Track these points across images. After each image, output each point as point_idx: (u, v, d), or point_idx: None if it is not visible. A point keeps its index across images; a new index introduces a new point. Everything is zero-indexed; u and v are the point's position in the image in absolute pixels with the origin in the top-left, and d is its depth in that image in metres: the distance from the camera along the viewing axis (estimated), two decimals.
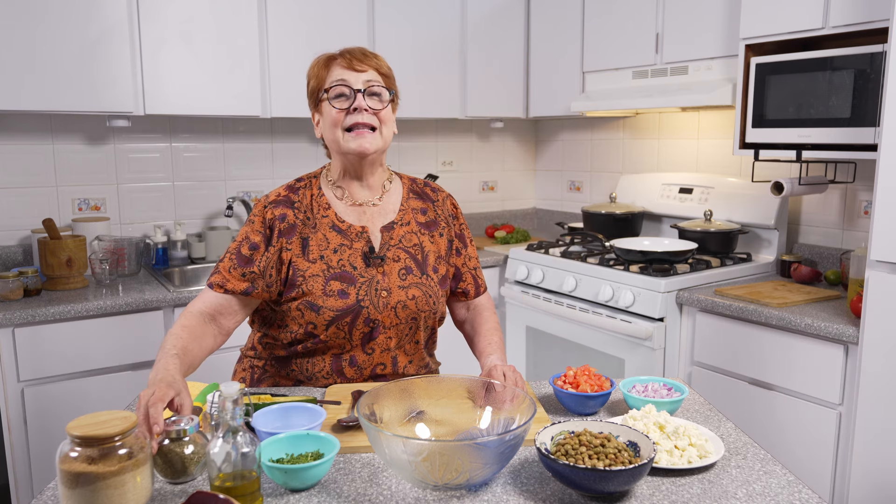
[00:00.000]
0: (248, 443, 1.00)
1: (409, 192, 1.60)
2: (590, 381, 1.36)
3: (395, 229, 1.53)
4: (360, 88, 1.44)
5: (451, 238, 1.60)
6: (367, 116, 1.44)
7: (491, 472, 1.05)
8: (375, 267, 1.48)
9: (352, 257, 1.48)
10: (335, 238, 1.49)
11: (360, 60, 1.46)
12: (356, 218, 1.52)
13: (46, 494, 1.07)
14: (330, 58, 1.49)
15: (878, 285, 1.86)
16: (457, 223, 1.63)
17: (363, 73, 1.45)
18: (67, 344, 2.28)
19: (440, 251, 1.56)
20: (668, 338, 2.44)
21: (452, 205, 1.64)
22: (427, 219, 1.58)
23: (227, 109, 2.72)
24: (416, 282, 1.50)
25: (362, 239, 1.49)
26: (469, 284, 1.63)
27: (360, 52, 1.48)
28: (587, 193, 3.64)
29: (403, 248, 1.52)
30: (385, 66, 1.50)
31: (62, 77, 2.39)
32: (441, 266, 1.55)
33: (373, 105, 1.45)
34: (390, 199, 1.57)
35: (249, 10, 2.71)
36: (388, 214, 1.55)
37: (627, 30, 2.85)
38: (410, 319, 1.49)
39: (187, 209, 3.04)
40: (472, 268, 1.64)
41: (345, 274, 1.46)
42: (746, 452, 1.20)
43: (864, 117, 2.06)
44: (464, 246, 1.63)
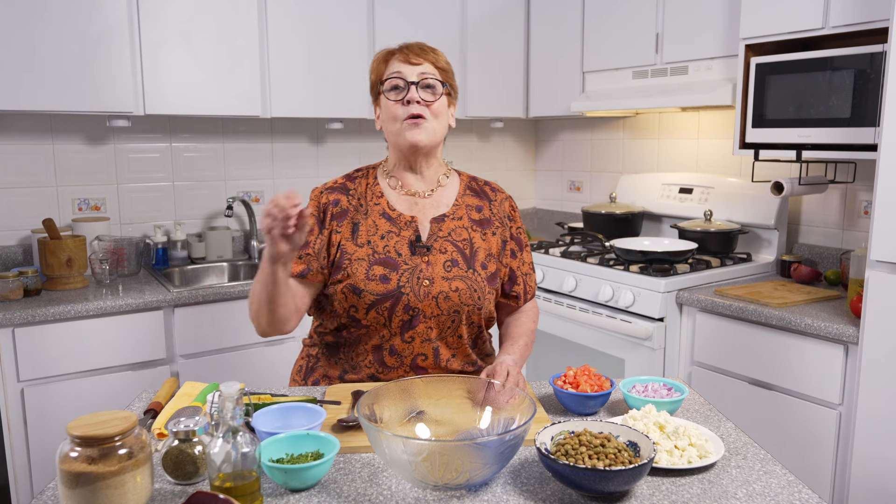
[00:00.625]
0: (248, 443, 1.00)
1: (465, 189, 1.61)
2: (590, 381, 1.36)
3: (445, 222, 1.54)
4: (414, 81, 1.47)
5: (506, 239, 1.59)
6: (419, 108, 1.47)
7: (491, 472, 1.05)
8: (420, 256, 1.49)
9: (398, 244, 1.50)
10: (384, 225, 1.51)
11: (416, 54, 1.49)
12: (407, 208, 1.54)
13: (46, 494, 1.07)
14: (389, 52, 1.53)
15: (878, 285, 1.86)
16: (513, 225, 1.62)
17: (418, 66, 1.48)
18: (67, 344, 2.28)
19: (491, 249, 1.56)
20: (668, 338, 2.44)
21: (511, 206, 1.64)
22: (481, 216, 1.58)
23: (227, 109, 2.72)
24: (462, 275, 1.50)
25: (410, 228, 1.51)
26: (521, 289, 1.62)
27: (418, 46, 1.52)
28: (587, 193, 3.64)
29: (451, 241, 1.52)
30: (442, 61, 1.53)
31: (62, 77, 2.39)
32: (491, 264, 1.55)
33: (426, 97, 1.48)
34: (445, 193, 1.58)
35: (249, 10, 2.71)
36: (440, 207, 1.56)
37: (627, 30, 2.85)
38: (452, 312, 1.49)
39: (187, 209, 3.04)
40: (524, 273, 1.63)
41: (389, 260, 1.48)
42: (746, 452, 1.20)
43: (864, 117, 2.06)
44: (520, 249, 1.62)
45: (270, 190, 3.21)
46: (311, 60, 2.86)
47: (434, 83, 1.49)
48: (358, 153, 3.41)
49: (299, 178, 3.28)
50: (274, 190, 3.23)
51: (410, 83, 1.47)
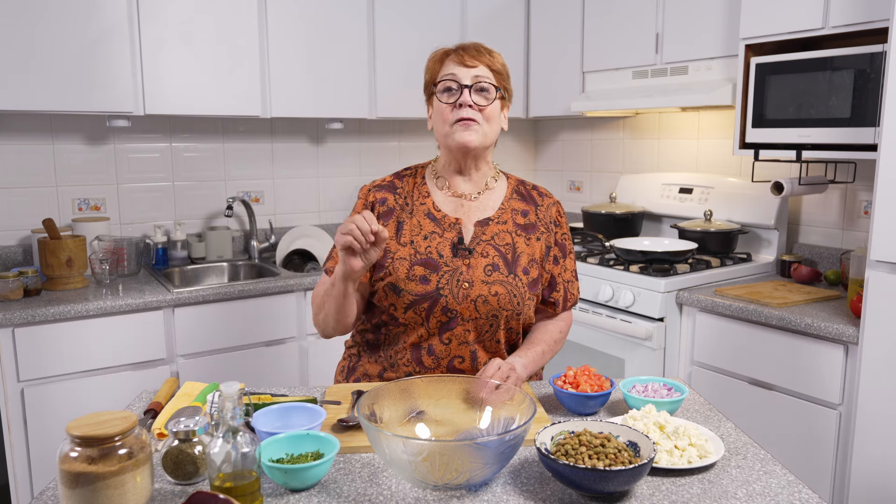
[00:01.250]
0: (248, 443, 1.00)
1: (513, 193, 1.59)
2: (590, 381, 1.36)
3: (489, 225, 1.53)
4: (467, 84, 1.46)
5: (550, 244, 1.57)
6: (471, 112, 1.46)
7: (491, 472, 1.05)
8: (462, 258, 1.48)
9: (440, 246, 1.49)
10: (428, 225, 1.51)
11: (472, 56, 1.48)
12: (453, 209, 1.54)
13: (46, 494, 1.07)
14: (445, 53, 1.52)
15: (878, 285, 1.86)
16: (559, 231, 1.60)
17: (473, 69, 1.47)
18: (67, 344, 2.28)
19: (535, 254, 1.54)
20: (668, 338, 2.44)
21: (558, 212, 1.62)
22: (527, 221, 1.56)
23: (227, 109, 2.72)
24: (502, 279, 1.48)
25: (454, 230, 1.51)
26: (560, 296, 1.60)
27: (475, 47, 1.50)
28: (587, 193, 3.64)
29: (494, 245, 1.51)
30: (498, 63, 1.51)
31: (62, 77, 2.39)
32: (533, 269, 1.53)
33: (478, 101, 1.47)
34: (491, 196, 1.57)
35: (249, 10, 2.71)
36: (486, 210, 1.55)
37: (627, 30, 2.85)
38: (491, 316, 1.48)
39: (187, 209, 3.04)
40: (566, 280, 1.61)
41: (430, 261, 1.48)
42: (746, 452, 1.20)
43: (864, 117, 2.06)
44: (563, 256, 1.60)
45: (270, 190, 3.21)
46: (311, 60, 2.86)
47: (488, 87, 1.47)
48: (358, 153, 3.41)
49: (299, 178, 3.28)
50: (274, 190, 3.23)
51: (464, 86, 1.46)
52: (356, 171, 3.41)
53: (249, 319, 2.60)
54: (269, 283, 2.62)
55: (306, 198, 3.32)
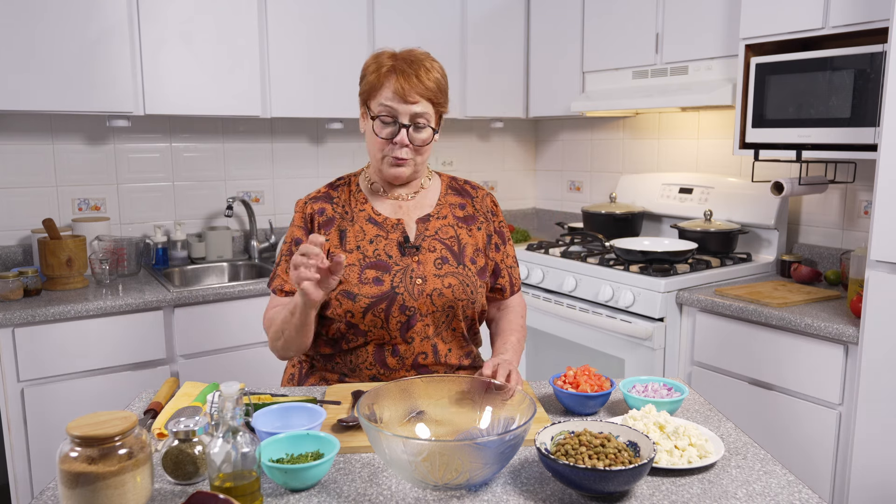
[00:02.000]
0: (248, 443, 1.00)
1: (447, 189, 1.63)
2: (590, 381, 1.36)
3: (430, 221, 1.56)
4: (405, 123, 1.45)
5: (490, 233, 1.61)
6: (406, 151, 1.47)
7: (491, 472, 1.05)
8: (410, 256, 1.51)
9: (387, 247, 1.51)
10: (371, 229, 1.53)
11: (413, 88, 1.43)
12: (392, 211, 1.56)
13: (46, 494, 1.07)
14: (389, 70, 1.45)
15: (878, 285, 1.86)
16: (496, 219, 1.64)
17: (413, 106, 1.44)
18: (67, 344, 2.28)
19: (478, 244, 1.58)
20: (668, 338, 2.44)
21: (492, 202, 1.66)
22: (465, 213, 1.60)
23: (227, 109, 2.72)
24: (453, 271, 1.51)
25: (398, 230, 1.53)
26: (506, 282, 1.64)
27: (416, 70, 1.44)
28: (587, 193, 3.64)
29: (439, 240, 1.54)
30: (440, 93, 1.47)
31: (62, 77, 2.39)
32: (479, 258, 1.57)
33: (414, 138, 1.47)
34: (427, 195, 1.60)
35: (249, 10, 2.71)
36: (424, 208, 1.58)
37: (627, 30, 2.85)
38: (447, 307, 1.50)
39: (187, 209, 3.04)
40: (508, 265, 1.65)
41: (380, 262, 1.49)
42: (746, 452, 1.20)
43: (864, 117, 2.06)
44: (502, 243, 1.64)
45: (270, 190, 3.21)
46: (311, 60, 2.86)
47: (425, 125, 1.47)
48: (358, 153, 3.41)
49: (299, 178, 3.28)
50: (274, 190, 3.23)
51: (402, 125, 1.45)
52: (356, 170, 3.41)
53: (249, 319, 2.59)
54: None
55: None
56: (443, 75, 1.50)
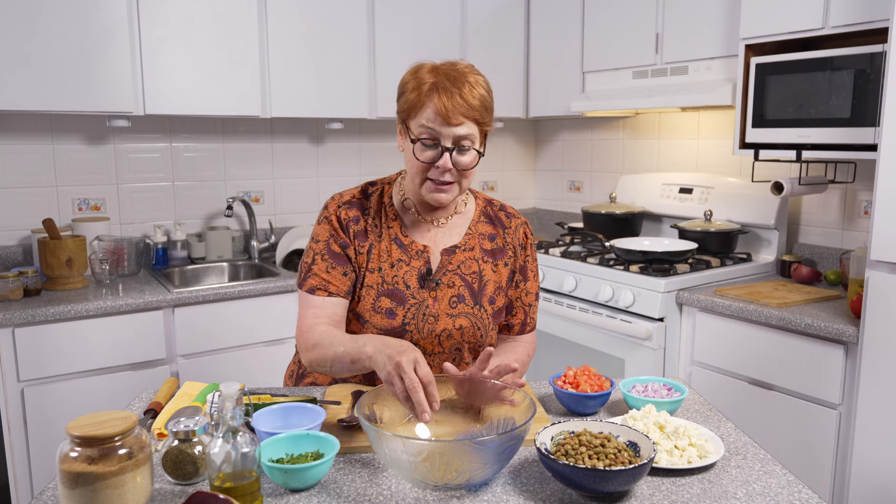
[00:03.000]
0: (248, 443, 1.00)
1: (480, 215, 1.53)
2: (590, 381, 1.36)
3: (456, 254, 1.47)
4: (449, 147, 1.34)
5: (515, 269, 1.53)
6: (449, 176, 1.36)
7: (491, 472, 1.05)
8: (428, 290, 1.44)
9: (407, 275, 1.43)
10: (396, 252, 1.45)
11: (459, 111, 1.31)
12: (420, 235, 1.47)
13: (46, 494, 1.07)
14: (430, 89, 1.33)
15: (878, 285, 1.86)
16: (524, 254, 1.54)
17: (456, 128, 1.32)
18: (67, 344, 2.28)
19: (501, 282, 1.50)
20: (668, 338, 2.44)
21: (525, 234, 1.56)
22: (494, 246, 1.51)
23: (227, 109, 2.72)
24: (467, 311, 1.45)
25: (422, 258, 1.45)
26: (517, 319, 1.55)
27: (460, 94, 1.32)
28: (587, 193, 3.64)
29: (460, 275, 1.46)
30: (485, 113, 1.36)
31: (62, 77, 2.39)
32: (499, 298, 1.50)
33: (458, 161, 1.35)
34: (459, 220, 1.51)
35: (249, 10, 2.71)
36: (453, 237, 1.49)
37: (627, 30, 2.85)
38: (454, 350, 1.46)
39: (187, 209, 3.04)
40: (526, 303, 1.55)
41: (396, 292, 1.42)
42: (746, 452, 1.20)
43: (864, 117, 2.06)
44: (524, 279, 1.54)
45: (270, 190, 3.21)
46: (311, 60, 2.86)
47: (469, 148, 1.35)
48: (358, 153, 3.41)
49: (299, 177, 3.28)
50: (274, 190, 3.22)
51: (445, 149, 1.33)
52: (356, 171, 3.41)
53: (249, 319, 2.59)
54: (269, 283, 2.62)
55: (306, 198, 3.31)
56: (488, 90, 1.38)
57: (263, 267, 2.98)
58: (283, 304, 2.66)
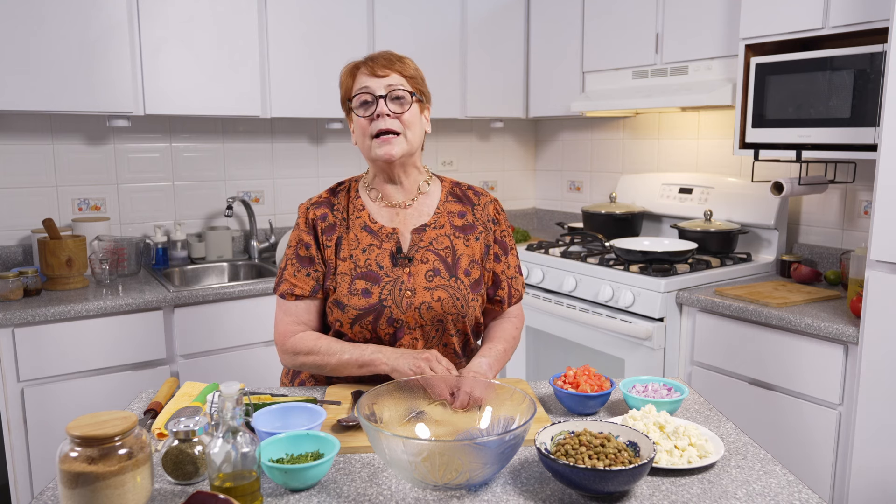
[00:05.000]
0: (248, 443, 1.00)
1: (447, 195, 1.58)
2: (590, 381, 1.36)
3: (426, 231, 1.52)
4: (381, 94, 1.45)
5: (489, 243, 1.57)
6: (390, 122, 1.45)
7: (491, 472, 1.05)
8: (402, 267, 1.48)
9: (379, 257, 1.49)
10: (366, 238, 1.51)
11: (382, 66, 1.46)
12: (389, 219, 1.53)
13: (46, 494, 1.07)
14: (355, 66, 1.50)
15: (878, 285, 1.86)
16: (497, 228, 1.60)
17: (385, 79, 1.46)
18: (67, 344, 2.28)
19: (474, 255, 1.54)
20: (668, 338, 2.44)
21: (496, 209, 1.61)
22: (464, 222, 1.56)
23: (227, 109, 2.72)
24: (444, 284, 1.48)
25: (392, 240, 1.51)
26: (504, 293, 1.59)
27: (384, 57, 1.49)
28: (587, 193, 3.64)
29: (433, 251, 1.51)
30: (410, 69, 1.50)
31: (62, 77, 2.39)
32: (475, 270, 1.53)
33: (395, 109, 1.46)
34: (426, 202, 1.56)
35: (249, 10, 2.71)
36: (422, 216, 1.54)
37: (627, 30, 2.85)
38: (436, 321, 1.48)
39: (187, 209, 3.04)
40: (509, 276, 1.60)
41: (370, 273, 1.47)
42: (746, 452, 1.20)
43: (864, 117, 2.06)
44: (504, 253, 1.59)
45: (270, 190, 3.21)
46: (311, 60, 2.86)
47: (403, 94, 1.46)
48: (358, 153, 3.41)
49: (299, 177, 3.28)
50: (274, 190, 3.22)
51: (378, 97, 1.45)
52: (356, 171, 3.41)
53: (249, 319, 2.60)
54: (269, 283, 2.62)
55: (306, 198, 3.30)
56: (412, 63, 1.52)
57: (263, 267, 2.98)
58: None
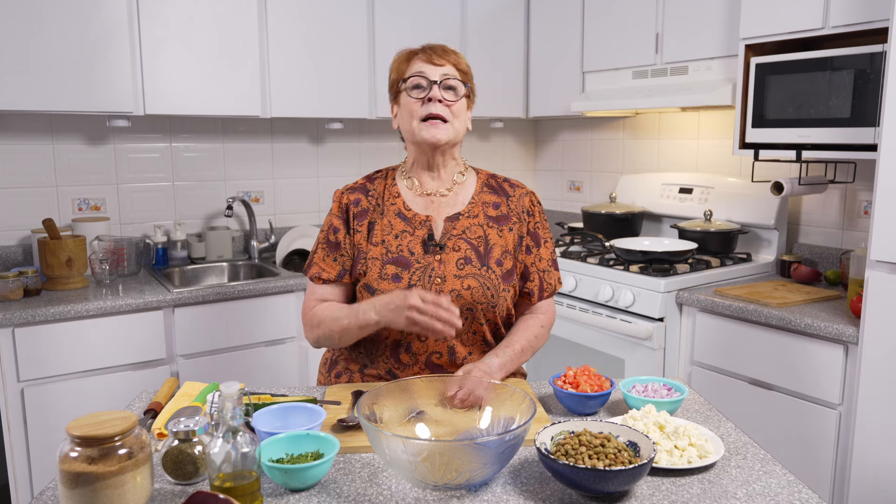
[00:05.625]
0: (248, 443, 1.00)
1: (483, 186, 1.60)
2: (590, 381, 1.36)
3: (459, 220, 1.54)
4: (436, 80, 1.49)
5: (522, 234, 1.57)
6: (440, 108, 1.49)
7: (491, 472, 1.05)
8: (433, 254, 1.50)
9: (411, 244, 1.51)
10: (399, 224, 1.53)
11: (439, 55, 1.52)
12: (423, 207, 1.56)
13: (46, 494, 1.07)
14: (411, 52, 1.55)
15: (878, 285, 1.86)
16: (531, 220, 1.60)
17: (441, 67, 1.51)
18: (67, 344, 2.28)
19: (507, 245, 1.55)
20: (668, 338, 2.44)
21: (531, 202, 1.62)
22: (498, 213, 1.57)
23: (227, 109, 2.72)
24: (475, 272, 1.49)
25: (425, 227, 1.53)
26: (534, 286, 1.59)
27: (441, 48, 1.54)
28: (587, 193, 3.64)
29: (465, 239, 1.52)
30: (463, 63, 1.55)
31: (62, 77, 2.39)
32: (507, 260, 1.54)
33: (447, 97, 1.50)
34: (461, 191, 1.59)
35: (249, 11, 2.71)
36: (456, 206, 1.57)
37: (627, 30, 2.85)
38: (466, 310, 1.49)
39: (187, 209, 3.04)
40: (540, 269, 1.59)
41: (401, 258, 1.50)
42: (746, 452, 1.20)
43: (864, 117, 2.06)
44: (536, 245, 1.59)
45: (270, 190, 3.21)
46: (311, 60, 2.86)
47: (456, 84, 1.51)
48: (358, 153, 3.41)
49: (299, 177, 3.28)
50: (274, 190, 3.22)
51: (433, 82, 1.49)
52: (356, 171, 3.41)
53: (249, 319, 2.60)
54: (268, 283, 2.62)
55: (306, 198, 3.32)
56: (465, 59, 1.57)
57: (263, 267, 2.98)
58: (283, 304, 2.66)
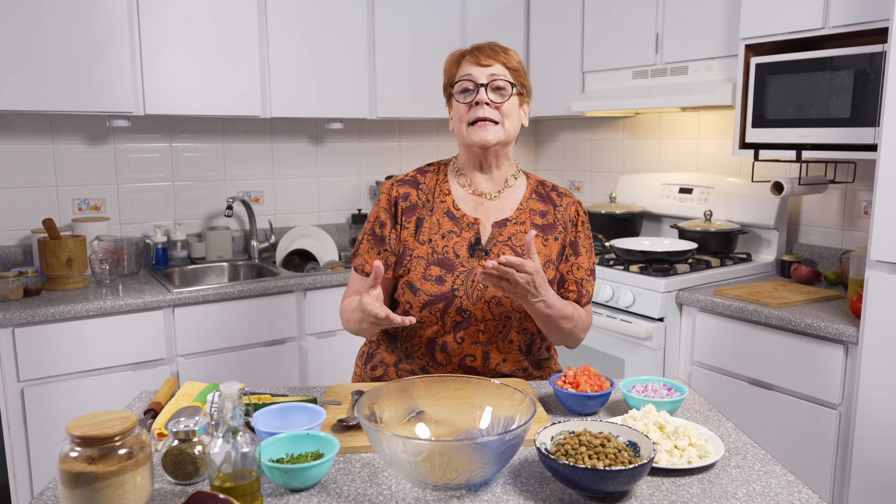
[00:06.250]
0: (248, 443, 1.00)
1: (532, 193, 1.60)
2: (590, 381, 1.36)
3: (507, 226, 1.54)
4: (483, 83, 1.48)
5: (566, 244, 1.57)
6: (488, 111, 1.48)
7: (491, 472, 1.05)
8: (478, 259, 1.50)
9: (457, 245, 1.51)
10: (447, 224, 1.53)
11: (487, 56, 1.50)
12: (472, 208, 1.55)
13: (46, 494, 1.07)
14: (461, 54, 1.54)
15: (878, 285, 1.86)
16: (574, 230, 1.58)
17: (488, 68, 1.49)
18: (67, 344, 2.28)
19: (551, 255, 1.54)
20: (668, 338, 2.44)
21: (577, 211, 1.60)
22: (545, 221, 1.56)
23: (227, 109, 2.72)
24: None
25: (472, 230, 1.53)
26: (571, 293, 1.56)
27: (489, 47, 1.52)
28: (587, 193, 3.64)
29: (511, 246, 1.52)
30: (514, 61, 1.53)
31: (62, 77, 2.39)
32: (549, 270, 1.53)
33: (495, 99, 1.49)
34: (511, 196, 1.58)
35: (249, 11, 2.71)
36: (504, 210, 1.56)
37: (627, 30, 2.85)
38: (503, 317, 1.48)
39: (187, 209, 3.04)
40: (578, 277, 1.56)
41: (446, 260, 1.50)
42: (746, 452, 1.20)
43: (864, 117, 2.06)
44: (574, 254, 1.57)
45: (270, 190, 3.21)
46: (311, 60, 2.86)
47: (504, 84, 1.49)
48: (358, 153, 3.41)
49: (299, 178, 3.28)
50: (274, 190, 3.22)
51: (480, 85, 1.48)
52: (356, 171, 3.41)
53: (249, 319, 2.60)
54: (269, 283, 2.62)
55: (306, 198, 3.32)
56: (517, 55, 1.55)
57: (263, 267, 2.98)
58: (284, 303, 2.66)
